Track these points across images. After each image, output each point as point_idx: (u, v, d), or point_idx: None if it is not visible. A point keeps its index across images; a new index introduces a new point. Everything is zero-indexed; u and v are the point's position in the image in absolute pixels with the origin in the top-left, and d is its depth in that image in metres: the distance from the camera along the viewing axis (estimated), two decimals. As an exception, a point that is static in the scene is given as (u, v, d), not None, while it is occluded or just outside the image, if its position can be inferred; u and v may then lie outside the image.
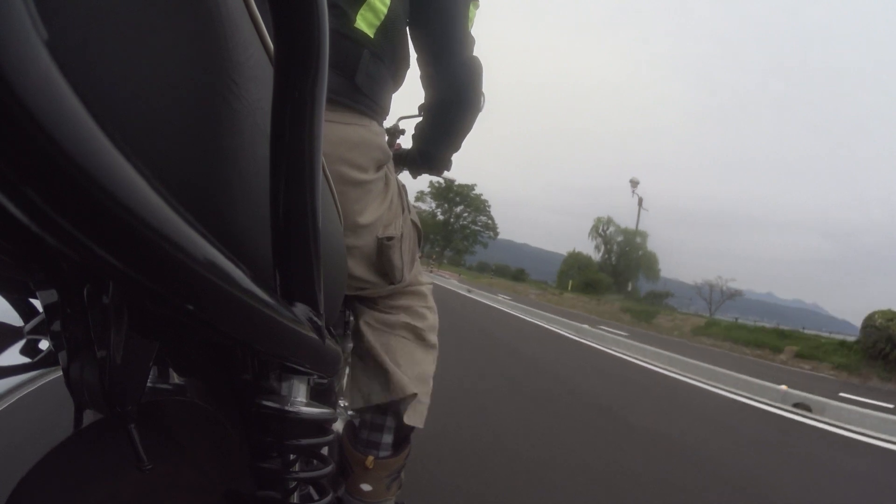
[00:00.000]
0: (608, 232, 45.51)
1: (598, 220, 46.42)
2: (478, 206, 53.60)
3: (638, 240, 42.43)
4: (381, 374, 0.80)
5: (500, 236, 57.83)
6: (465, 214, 54.46)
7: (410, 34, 0.79)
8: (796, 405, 4.57)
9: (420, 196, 51.15)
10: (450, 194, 52.95)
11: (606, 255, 44.11)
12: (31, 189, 0.13)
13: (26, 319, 0.41)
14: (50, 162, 0.13)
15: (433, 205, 54.01)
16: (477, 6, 0.84)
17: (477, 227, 54.41)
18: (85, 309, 0.28)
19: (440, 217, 54.44)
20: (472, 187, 53.38)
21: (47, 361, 0.42)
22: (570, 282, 38.18)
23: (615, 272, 41.28)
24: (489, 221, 54.17)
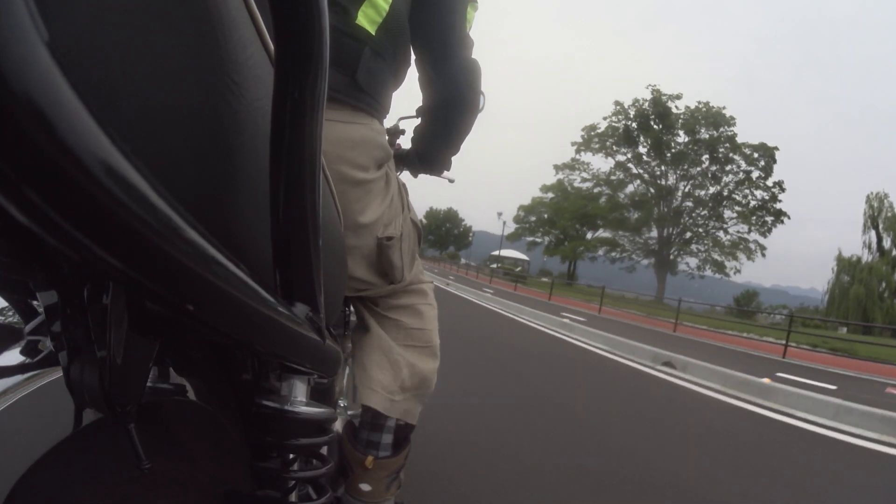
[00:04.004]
0: (882, 218, 24.09)
1: (871, 196, 25.22)
2: (737, 149, 23.49)
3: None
4: (366, 378, 0.81)
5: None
6: (695, 175, 24.04)
7: (410, 35, 0.79)
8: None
9: (586, 142, 26.40)
10: (663, 135, 23.98)
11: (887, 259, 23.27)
12: (31, 189, 0.13)
13: (26, 320, 0.41)
14: (50, 162, 0.13)
15: (608, 162, 26.50)
16: (476, 8, 0.84)
17: (738, 206, 24.15)
18: (85, 309, 0.28)
19: (634, 187, 25.89)
20: (724, 119, 23.56)
21: (47, 361, 0.42)
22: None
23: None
24: (762, 195, 23.93)
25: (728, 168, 24.92)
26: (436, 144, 0.95)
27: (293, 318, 0.32)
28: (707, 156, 24.84)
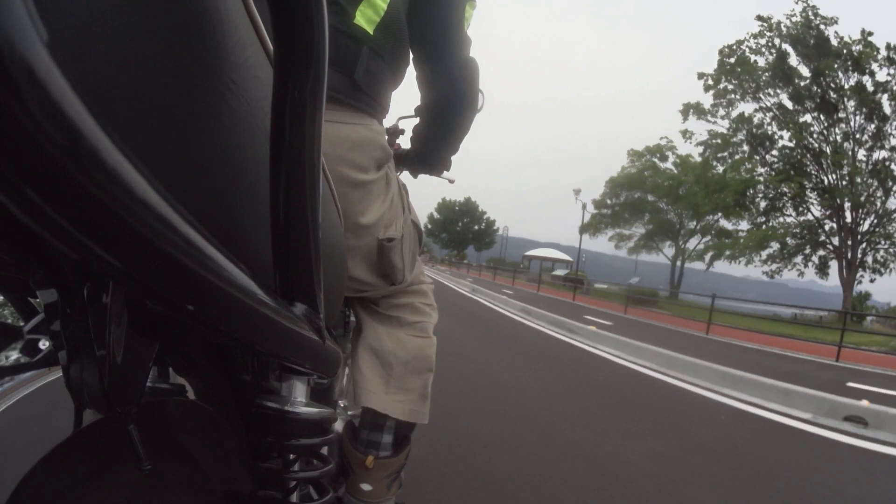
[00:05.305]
0: None
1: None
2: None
3: None
4: (361, 379, 0.81)
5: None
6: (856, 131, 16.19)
7: (408, 34, 0.79)
8: None
9: (720, 72, 18.30)
10: (830, 69, 15.92)
11: None
12: (31, 189, 0.14)
13: (26, 319, 0.41)
14: (50, 161, 0.13)
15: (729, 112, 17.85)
16: (473, 6, 0.84)
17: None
18: (85, 309, 0.28)
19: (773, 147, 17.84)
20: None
21: (47, 361, 0.42)
22: None
23: None
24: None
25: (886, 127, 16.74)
26: (435, 144, 0.95)
27: (293, 318, 0.32)
28: (865, 108, 16.45)
